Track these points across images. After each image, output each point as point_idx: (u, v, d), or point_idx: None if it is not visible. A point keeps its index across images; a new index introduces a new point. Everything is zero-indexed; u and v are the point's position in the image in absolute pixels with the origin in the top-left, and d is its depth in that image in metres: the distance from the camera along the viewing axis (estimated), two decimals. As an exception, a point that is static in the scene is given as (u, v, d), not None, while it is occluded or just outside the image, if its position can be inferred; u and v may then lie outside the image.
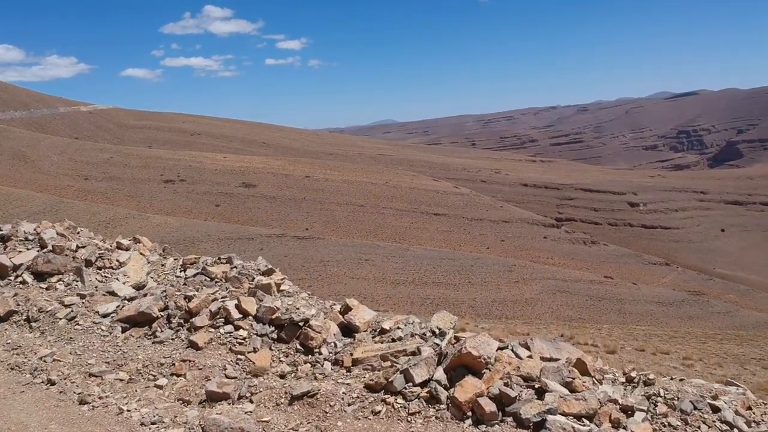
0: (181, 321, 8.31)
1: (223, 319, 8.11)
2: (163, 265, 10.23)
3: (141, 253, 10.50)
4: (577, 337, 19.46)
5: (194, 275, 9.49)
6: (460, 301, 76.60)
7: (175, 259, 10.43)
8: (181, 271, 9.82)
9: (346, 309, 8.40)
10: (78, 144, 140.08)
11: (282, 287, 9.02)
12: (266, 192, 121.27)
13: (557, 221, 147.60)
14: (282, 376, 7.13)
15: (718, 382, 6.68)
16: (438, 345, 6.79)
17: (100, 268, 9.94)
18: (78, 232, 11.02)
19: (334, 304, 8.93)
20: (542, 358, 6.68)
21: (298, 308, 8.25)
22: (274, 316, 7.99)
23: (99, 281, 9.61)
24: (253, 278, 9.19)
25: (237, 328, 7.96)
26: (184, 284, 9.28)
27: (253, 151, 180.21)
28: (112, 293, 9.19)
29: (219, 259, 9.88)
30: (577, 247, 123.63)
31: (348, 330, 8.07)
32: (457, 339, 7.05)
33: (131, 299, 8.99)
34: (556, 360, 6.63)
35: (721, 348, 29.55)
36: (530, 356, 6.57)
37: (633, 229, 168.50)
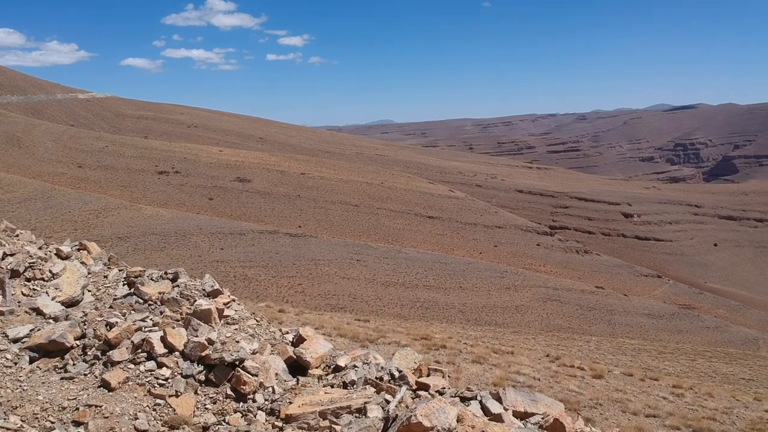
0: (98, 353, 7.11)
1: (145, 354, 6.94)
2: (105, 277, 8.97)
3: (83, 262, 9.19)
4: (564, 357, 18.66)
5: (125, 296, 8.26)
6: (450, 305, 75.85)
7: (120, 270, 9.21)
8: (123, 285, 8.63)
9: (299, 340, 7.44)
10: (73, 131, 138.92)
11: (226, 312, 7.91)
12: (260, 188, 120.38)
13: (551, 229, 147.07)
14: (204, 429, 6.07)
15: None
16: (388, 403, 5.72)
17: (29, 280, 8.61)
18: (17, 236, 9.69)
19: (287, 333, 7.92)
20: (515, 414, 5.71)
21: (237, 341, 7.16)
22: (204, 353, 6.86)
23: (25, 295, 8.25)
24: (195, 300, 7.99)
25: (160, 365, 6.80)
26: (110, 307, 8.05)
27: (249, 146, 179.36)
28: (37, 310, 7.91)
29: (165, 273, 8.74)
30: (569, 255, 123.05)
31: (297, 366, 7.07)
32: (418, 389, 6.02)
33: (56, 319, 7.78)
34: (532, 415, 5.70)
35: (710, 366, 28.86)
36: (500, 414, 5.57)
37: (626, 240, 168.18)
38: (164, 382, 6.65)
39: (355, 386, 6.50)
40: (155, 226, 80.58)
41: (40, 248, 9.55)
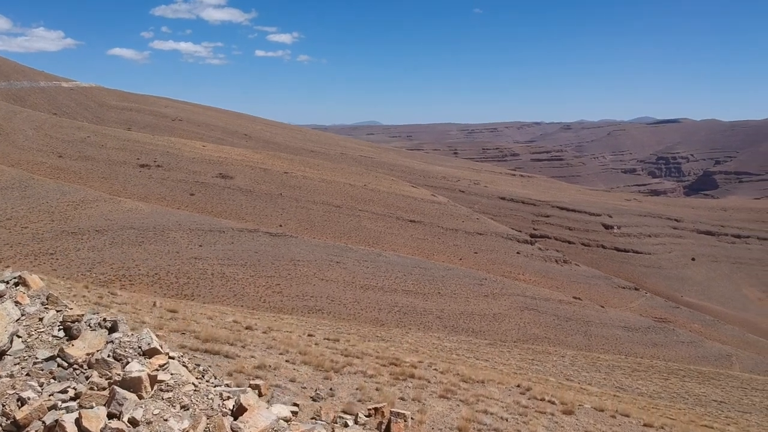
0: None
1: None
2: (41, 320, 7.80)
3: (17, 302, 7.98)
4: (535, 386, 18.45)
5: (47, 359, 7.11)
6: (428, 311, 75.91)
7: (58, 311, 8.02)
8: (59, 330, 7.47)
9: (240, 409, 6.69)
10: (55, 120, 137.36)
11: (161, 377, 6.95)
12: (243, 185, 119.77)
13: (531, 237, 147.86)
14: None
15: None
16: None
17: None
18: None
19: (228, 398, 7.05)
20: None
21: (165, 420, 6.22)
22: None
23: None
24: (127, 362, 6.99)
25: None
26: (28, 375, 6.91)
27: (233, 142, 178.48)
28: None
29: (104, 321, 7.71)
30: (548, 265, 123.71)
31: None
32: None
33: None
34: None
35: (683, 386, 29.04)
36: None
37: (605, 251, 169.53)
38: None
39: None
40: (134, 220, 79.82)
41: None
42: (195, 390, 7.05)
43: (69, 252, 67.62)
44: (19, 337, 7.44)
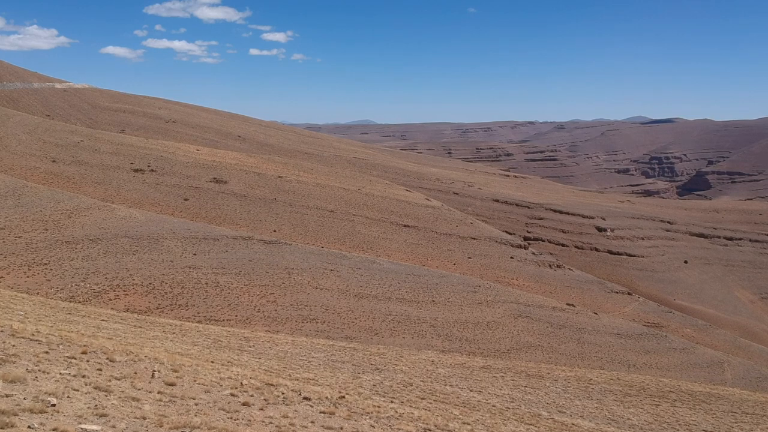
0: None
1: None
2: None
3: None
4: None
5: None
6: (421, 319, 76.25)
7: None
8: None
9: None
10: (49, 123, 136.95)
11: None
12: (237, 189, 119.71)
13: (525, 240, 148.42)
14: None
15: None
16: None
17: None
18: None
19: None
20: None
21: None
22: None
23: None
24: None
25: None
26: None
27: (227, 145, 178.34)
28: None
29: None
30: (542, 270, 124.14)
31: None
32: None
33: None
34: None
35: (674, 414, 29.36)
36: None
37: (599, 254, 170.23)
38: None
39: None
40: (128, 229, 79.74)
41: None
42: None
43: (63, 262, 67.56)
44: None
